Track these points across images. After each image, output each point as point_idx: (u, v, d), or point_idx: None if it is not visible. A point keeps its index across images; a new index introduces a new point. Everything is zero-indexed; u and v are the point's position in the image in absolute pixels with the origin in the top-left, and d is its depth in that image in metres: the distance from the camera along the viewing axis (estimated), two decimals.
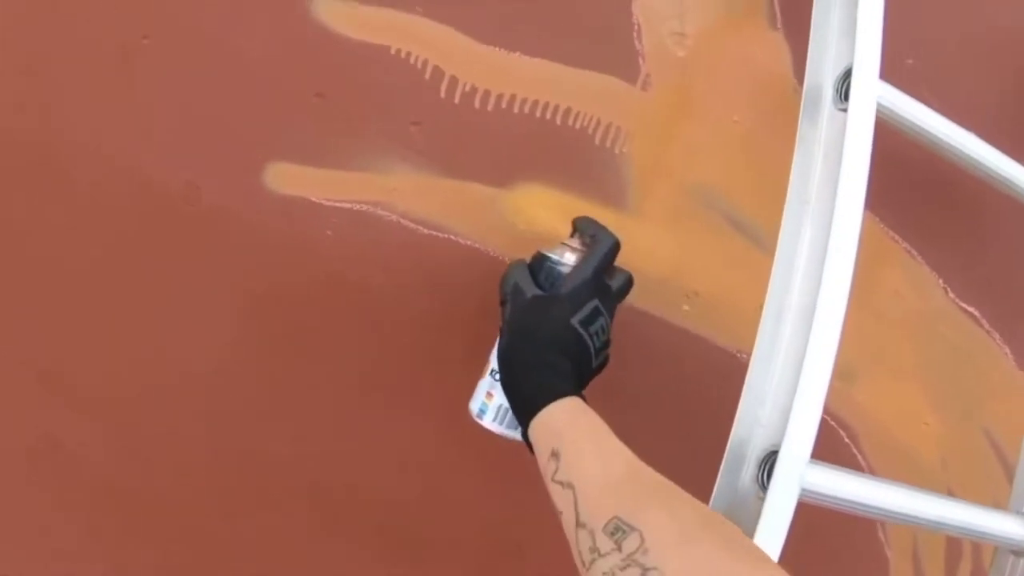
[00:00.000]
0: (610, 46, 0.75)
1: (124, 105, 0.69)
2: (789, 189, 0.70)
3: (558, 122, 0.75)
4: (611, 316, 0.66)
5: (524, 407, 0.61)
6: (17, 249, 0.71)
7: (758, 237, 0.82)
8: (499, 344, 0.65)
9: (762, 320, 0.66)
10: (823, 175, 0.68)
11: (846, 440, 0.93)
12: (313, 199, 0.72)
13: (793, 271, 0.67)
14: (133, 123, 0.69)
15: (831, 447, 0.91)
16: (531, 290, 0.65)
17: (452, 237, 0.75)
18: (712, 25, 0.77)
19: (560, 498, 0.54)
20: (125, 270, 0.72)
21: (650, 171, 0.78)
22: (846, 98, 0.68)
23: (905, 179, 0.86)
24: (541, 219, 0.77)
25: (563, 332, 0.62)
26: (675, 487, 0.54)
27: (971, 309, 0.94)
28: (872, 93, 0.66)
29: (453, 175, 0.74)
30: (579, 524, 0.52)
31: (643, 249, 0.79)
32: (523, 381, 0.62)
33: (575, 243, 0.68)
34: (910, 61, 0.83)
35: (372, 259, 0.74)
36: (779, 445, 0.59)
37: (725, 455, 0.61)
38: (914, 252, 0.90)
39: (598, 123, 0.76)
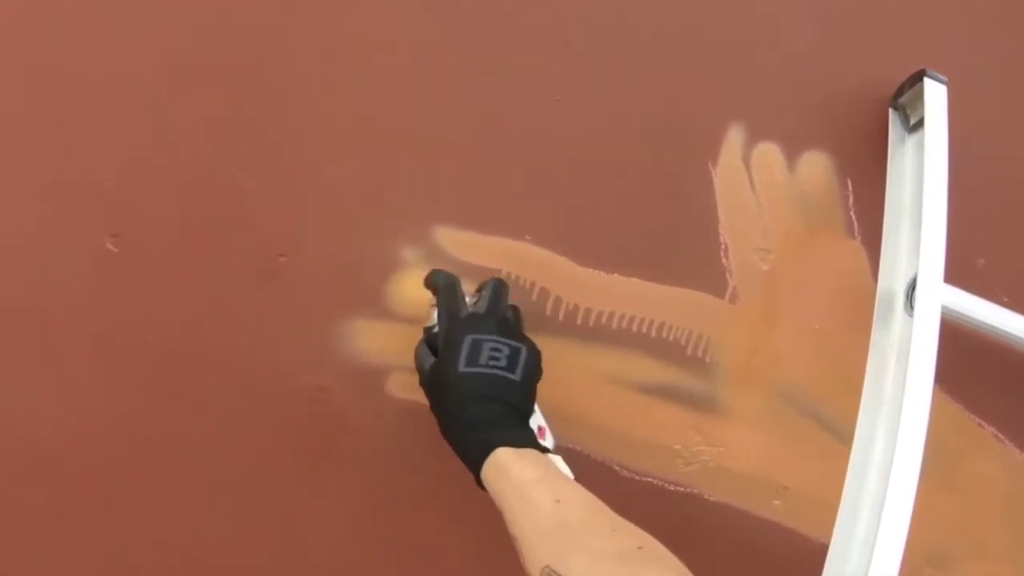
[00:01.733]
0: (700, 264, 0.82)
1: (265, 318, 0.78)
2: (864, 391, 0.75)
3: (653, 335, 0.81)
4: (501, 329, 0.66)
5: (473, 473, 0.62)
6: (164, 437, 0.79)
7: (843, 433, 0.85)
8: None
9: (839, 512, 0.70)
10: (895, 378, 0.73)
11: None
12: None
13: (868, 468, 0.71)
14: (273, 334, 0.78)
15: None
16: (428, 360, 0.67)
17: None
18: (793, 239, 0.84)
19: (517, 549, 0.57)
20: (257, 459, 0.80)
21: (739, 377, 0.83)
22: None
23: (988, 366, 0.88)
24: (628, 420, 0.83)
25: (459, 383, 0.63)
26: (598, 522, 0.55)
27: None
28: (937, 299, 0.71)
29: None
30: (527, 574, 0.54)
31: (735, 448, 0.84)
32: (460, 452, 0.64)
33: (434, 300, 0.71)
34: (981, 261, 0.87)
35: None
36: None
37: None
38: (1002, 436, 0.91)
39: (690, 334, 0.82)
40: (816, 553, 0.85)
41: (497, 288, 0.70)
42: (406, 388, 0.79)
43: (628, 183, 0.81)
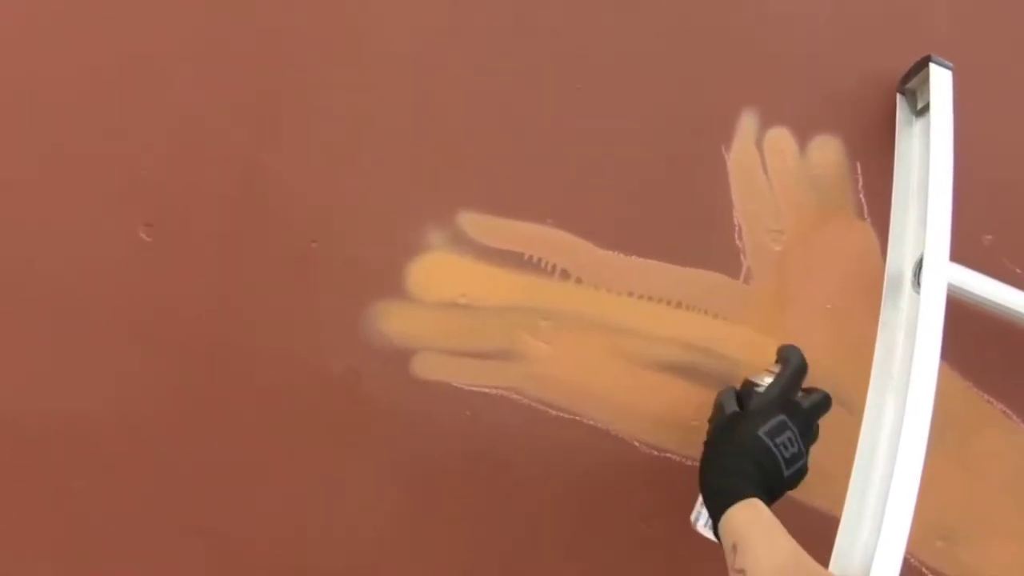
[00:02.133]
0: (715, 246, 0.84)
1: (298, 302, 0.80)
2: (873, 367, 0.77)
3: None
4: (804, 432, 0.73)
5: (713, 507, 0.69)
6: (196, 420, 0.82)
7: (854, 407, 0.87)
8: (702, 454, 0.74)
9: (851, 484, 0.72)
10: (904, 353, 0.75)
11: None
12: (455, 384, 0.82)
13: (878, 441, 0.73)
14: (305, 318, 0.81)
15: None
16: (730, 408, 0.74)
17: (577, 418, 0.83)
18: (804, 220, 0.86)
19: None
20: (290, 438, 0.83)
21: (753, 354, 0.85)
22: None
23: (997, 345, 0.90)
24: (648, 398, 0.85)
25: (750, 442, 0.70)
26: (824, 572, 0.61)
27: None
28: (943, 277, 0.73)
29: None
30: None
31: None
32: (713, 484, 0.70)
33: (774, 368, 0.76)
34: (989, 237, 0.88)
35: (506, 436, 0.83)
36: None
37: None
38: (1011, 413, 0.92)
39: (705, 314, 0.85)
40: (829, 525, 0.87)
41: (823, 400, 0.77)
42: (433, 369, 0.82)
43: (646, 168, 0.83)
